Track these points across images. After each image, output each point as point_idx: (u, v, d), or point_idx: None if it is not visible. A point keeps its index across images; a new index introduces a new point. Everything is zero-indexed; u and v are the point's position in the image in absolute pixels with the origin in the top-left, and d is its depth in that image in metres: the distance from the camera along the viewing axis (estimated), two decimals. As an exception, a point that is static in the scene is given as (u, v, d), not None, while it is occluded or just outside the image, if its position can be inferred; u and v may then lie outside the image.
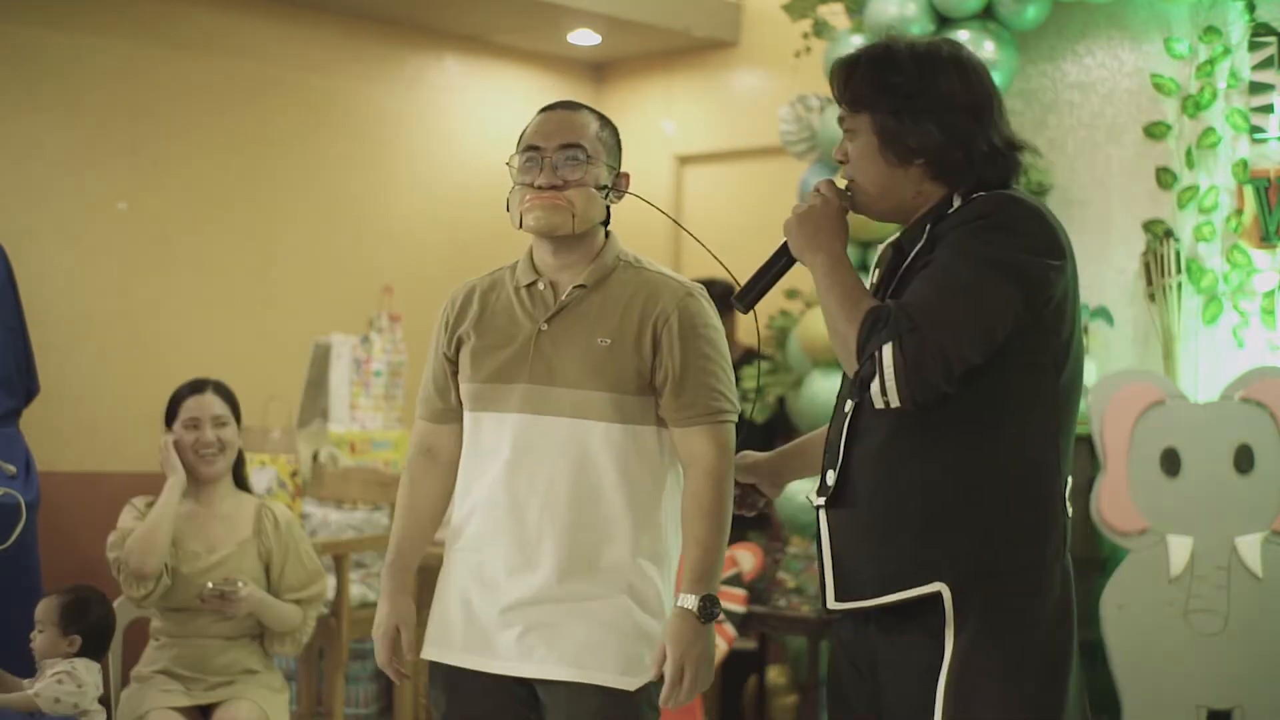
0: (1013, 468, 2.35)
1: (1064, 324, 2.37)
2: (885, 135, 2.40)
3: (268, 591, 3.90)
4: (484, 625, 2.77)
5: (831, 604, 2.44)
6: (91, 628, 3.65)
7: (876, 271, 2.56)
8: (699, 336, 2.75)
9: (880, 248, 2.61)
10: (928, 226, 2.41)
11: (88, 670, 3.59)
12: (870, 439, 2.40)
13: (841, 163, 2.49)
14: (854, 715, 2.52)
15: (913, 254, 2.40)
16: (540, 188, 2.72)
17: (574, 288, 2.76)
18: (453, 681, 2.82)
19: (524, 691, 2.77)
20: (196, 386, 3.99)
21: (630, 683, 2.70)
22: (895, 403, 2.27)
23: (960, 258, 2.30)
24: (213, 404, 3.95)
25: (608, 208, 2.82)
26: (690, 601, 2.64)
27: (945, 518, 2.34)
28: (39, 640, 3.64)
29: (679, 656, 2.63)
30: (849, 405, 2.43)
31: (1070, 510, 2.44)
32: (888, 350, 2.25)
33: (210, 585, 3.77)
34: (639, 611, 2.73)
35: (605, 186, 2.78)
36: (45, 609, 3.64)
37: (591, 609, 2.71)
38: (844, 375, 2.49)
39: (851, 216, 2.50)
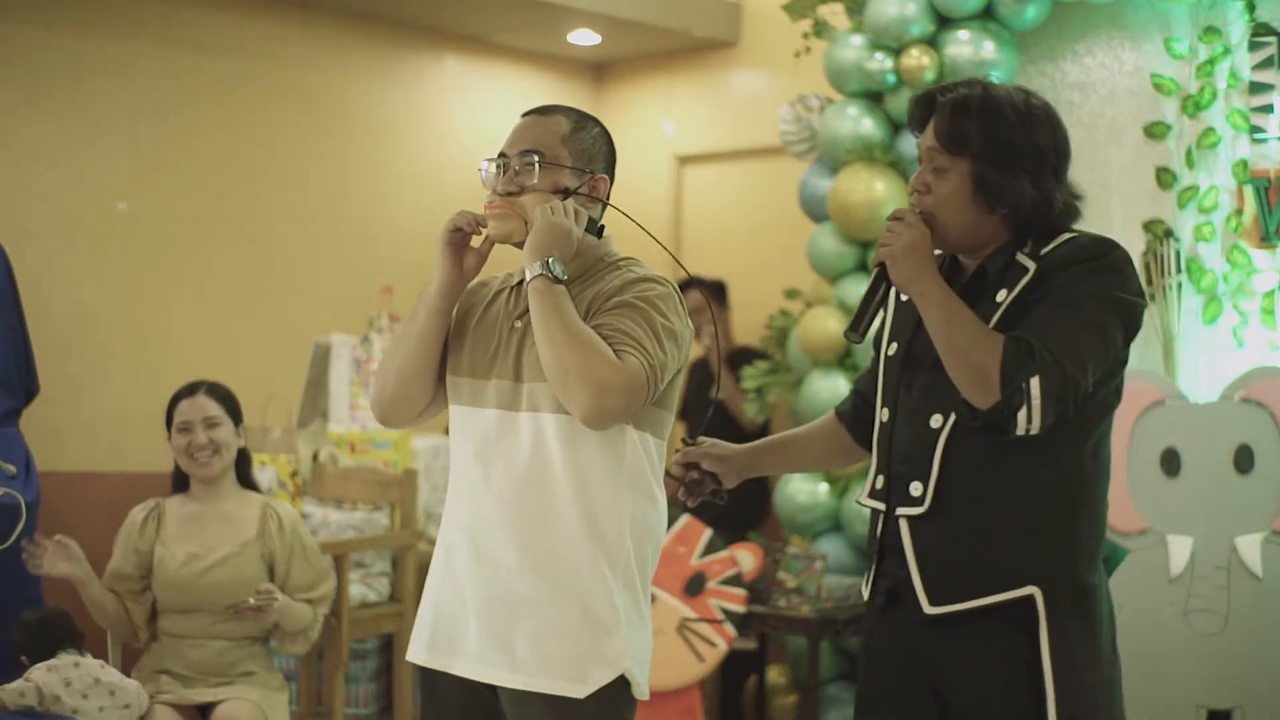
0: (1085, 478, 2.59)
1: (1127, 358, 2.63)
2: (981, 183, 2.55)
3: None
4: (449, 625, 2.75)
5: (928, 609, 2.58)
6: (29, 640, 3.68)
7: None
8: (628, 288, 2.67)
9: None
10: (1019, 259, 2.55)
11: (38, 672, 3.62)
12: (970, 454, 2.55)
13: (920, 192, 2.59)
14: (905, 713, 2.65)
15: (1019, 286, 2.52)
16: (497, 194, 2.76)
17: None
18: (428, 682, 2.80)
19: (489, 693, 2.74)
20: (189, 389, 3.99)
21: (579, 690, 2.64)
22: (1036, 429, 2.44)
23: (1087, 296, 2.48)
24: (205, 405, 3.94)
25: (580, 210, 2.75)
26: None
27: (1041, 528, 2.55)
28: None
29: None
30: (939, 421, 2.56)
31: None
32: (1036, 383, 2.41)
33: (251, 600, 3.77)
34: (591, 616, 2.65)
35: (568, 190, 2.75)
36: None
37: (542, 612, 2.66)
38: (901, 387, 2.63)
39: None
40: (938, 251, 2.64)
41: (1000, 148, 2.53)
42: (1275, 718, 4.57)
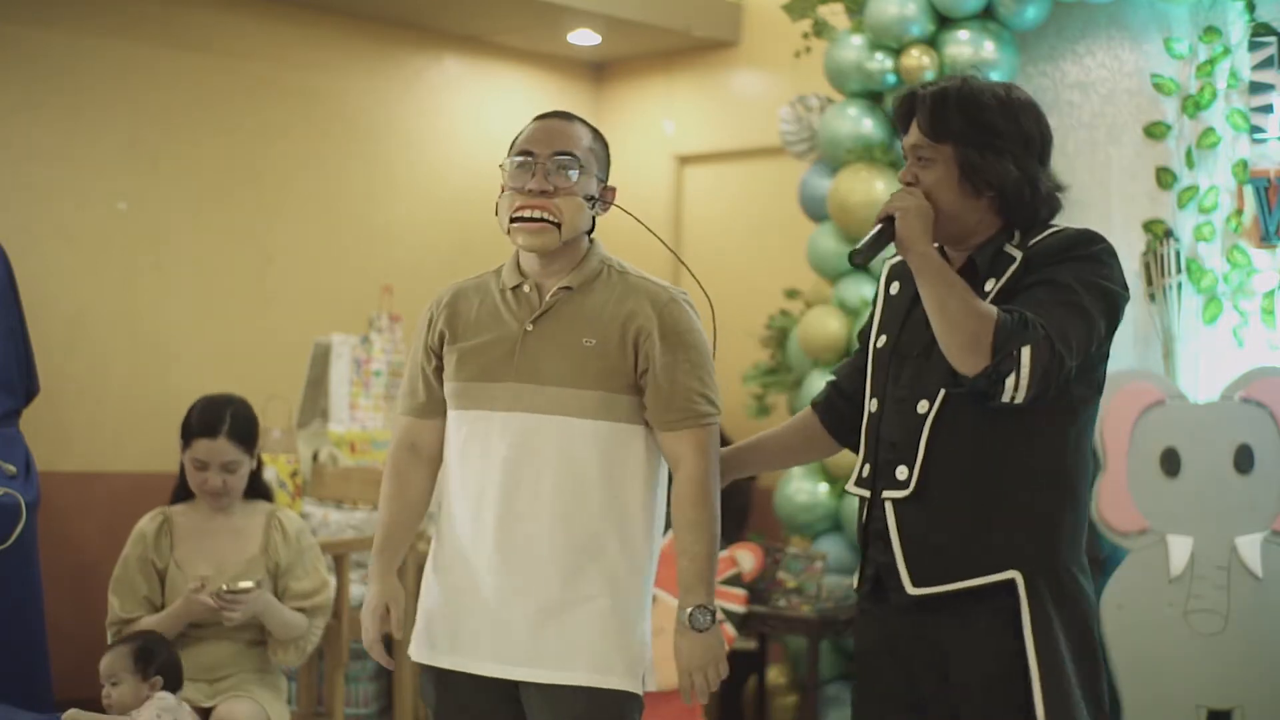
0: (1068, 467, 2.64)
1: (1109, 350, 2.67)
2: (966, 168, 2.61)
3: (274, 596, 3.88)
4: (468, 625, 2.79)
5: (911, 590, 2.62)
6: (166, 665, 3.66)
7: (896, 284, 2.75)
8: (680, 340, 2.78)
9: (891, 261, 2.81)
10: (1007, 249, 2.62)
11: (175, 701, 3.61)
12: (957, 438, 2.60)
13: (909, 184, 2.65)
14: (892, 698, 2.69)
15: (1006, 275, 2.60)
16: (531, 191, 2.75)
17: (559, 289, 2.80)
18: (442, 680, 2.85)
19: (510, 690, 2.79)
20: (210, 426, 3.83)
21: (610, 682, 2.73)
22: (1020, 399, 2.49)
23: (1076, 281, 2.55)
24: (224, 450, 3.83)
25: (593, 218, 2.85)
26: (684, 614, 2.73)
27: (1024, 513, 2.60)
28: (117, 694, 3.61)
29: (685, 670, 2.74)
30: (925, 406, 2.61)
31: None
32: (1027, 351, 2.46)
33: (224, 586, 3.75)
34: (621, 611, 2.76)
35: (593, 198, 2.82)
36: (117, 660, 3.61)
37: (573, 609, 2.73)
38: (890, 378, 2.68)
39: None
40: (942, 246, 2.69)
41: (981, 130, 2.60)
42: (1275, 718, 4.57)
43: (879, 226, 2.62)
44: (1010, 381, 2.47)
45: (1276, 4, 4.92)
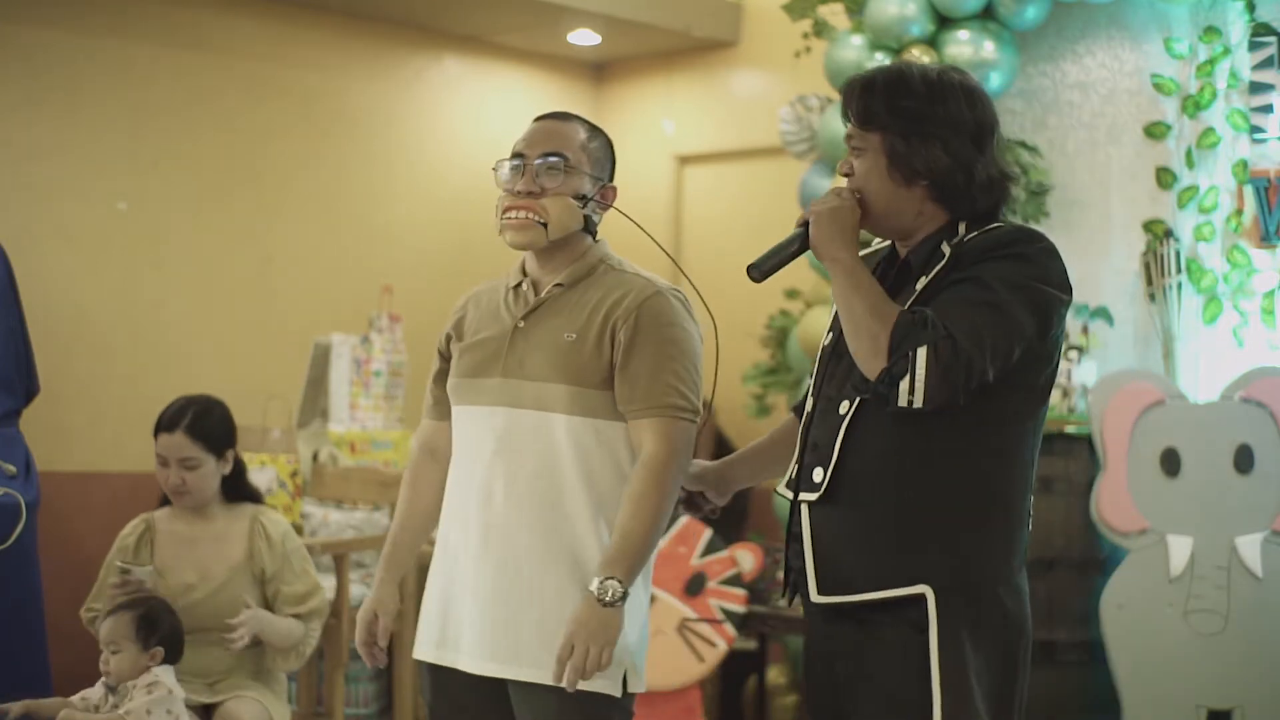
0: (998, 483, 2.49)
1: (1055, 356, 2.52)
2: (894, 155, 2.50)
3: (265, 606, 3.85)
4: (457, 622, 2.80)
5: (815, 597, 2.52)
6: (168, 636, 3.62)
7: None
8: (658, 331, 2.75)
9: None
10: (942, 247, 2.50)
11: (167, 674, 3.57)
12: (874, 443, 2.47)
13: (846, 176, 2.57)
14: (821, 706, 2.60)
15: (934, 272, 2.49)
16: (519, 193, 2.77)
17: (552, 286, 2.82)
18: (437, 677, 2.86)
19: (502, 688, 2.78)
20: (170, 422, 3.81)
21: (593, 684, 2.68)
22: (919, 403, 2.36)
23: (995, 280, 2.41)
24: (180, 446, 3.78)
25: (590, 217, 2.84)
26: (594, 583, 2.64)
27: (937, 524, 2.46)
28: (116, 661, 3.57)
29: (569, 634, 2.62)
30: (845, 406, 2.50)
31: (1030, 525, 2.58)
32: (922, 353, 2.34)
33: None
34: None
35: (585, 196, 2.81)
36: (117, 627, 3.57)
37: (552, 606, 2.71)
38: (822, 378, 2.60)
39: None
40: (887, 241, 2.62)
41: (906, 116, 2.49)
42: (1275, 718, 4.58)
43: (794, 232, 2.57)
44: (904, 385, 2.35)
45: (1276, 4, 4.92)
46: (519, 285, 2.85)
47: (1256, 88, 4.92)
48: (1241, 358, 4.91)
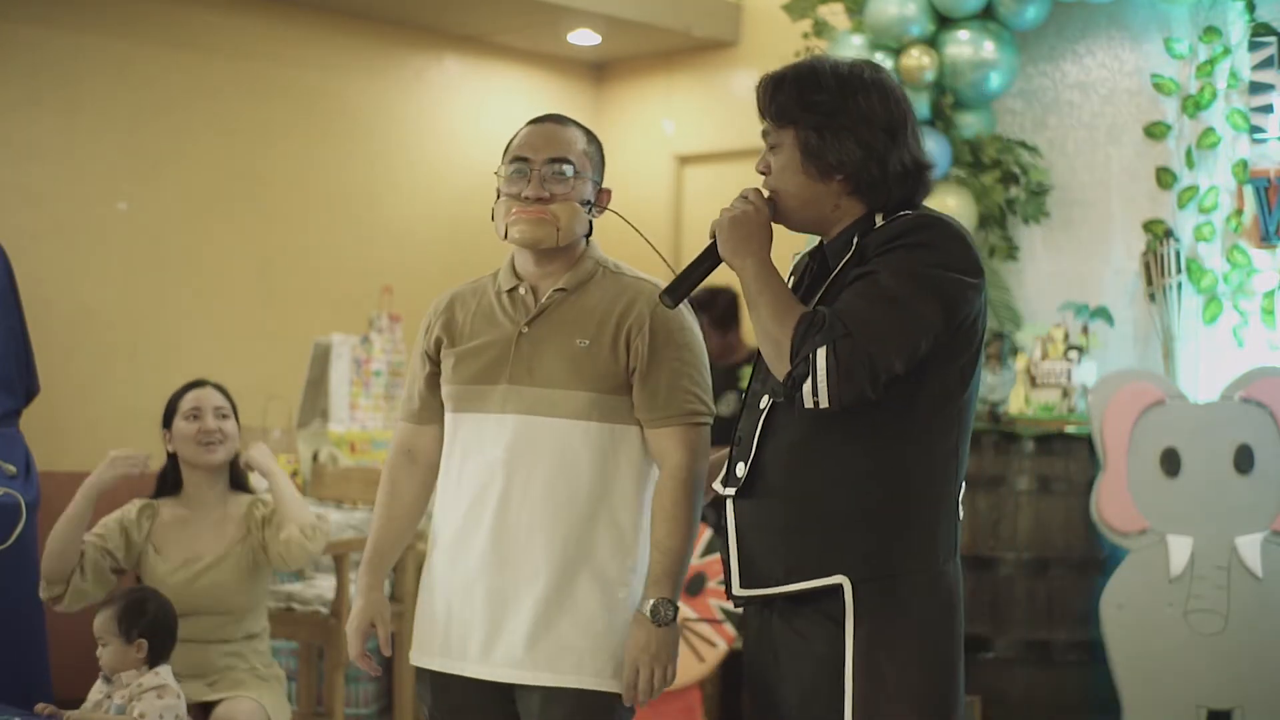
0: (916, 472, 2.47)
1: (974, 340, 2.48)
2: (807, 150, 2.50)
3: (265, 553, 3.90)
4: (463, 628, 2.79)
5: (736, 590, 2.54)
6: (152, 626, 3.60)
7: (792, 279, 2.65)
8: (671, 338, 2.78)
9: (795, 257, 2.71)
10: (854, 239, 2.50)
11: (169, 675, 3.57)
12: (786, 435, 2.49)
13: (764, 174, 2.58)
14: (761, 699, 2.60)
15: (840, 265, 2.49)
16: (527, 199, 2.76)
17: (554, 291, 2.81)
18: (437, 683, 2.86)
19: (505, 692, 2.78)
20: (194, 383, 4.03)
21: (604, 684, 2.72)
22: (824, 404, 2.36)
23: (891, 272, 2.39)
24: (213, 396, 3.98)
25: (589, 221, 2.85)
26: (645, 606, 2.70)
27: (851, 515, 2.45)
28: (105, 654, 3.58)
29: (633, 659, 2.69)
30: (765, 402, 2.52)
31: (962, 514, 2.56)
32: (821, 354, 2.34)
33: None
34: (611, 614, 2.75)
35: (588, 202, 2.82)
36: (102, 622, 3.58)
37: (567, 610, 2.73)
38: (754, 373, 2.61)
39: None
40: (822, 239, 2.59)
41: (817, 110, 2.48)
42: (1275, 718, 4.58)
43: (705, 247, 2.57)
44: (807, 388, 2.35)
45: (1276, 4, 4.92)
46: (514, 289, 2.83)
47: (1256, 88, 4.92)
48: (1241, 358, 4.91)
